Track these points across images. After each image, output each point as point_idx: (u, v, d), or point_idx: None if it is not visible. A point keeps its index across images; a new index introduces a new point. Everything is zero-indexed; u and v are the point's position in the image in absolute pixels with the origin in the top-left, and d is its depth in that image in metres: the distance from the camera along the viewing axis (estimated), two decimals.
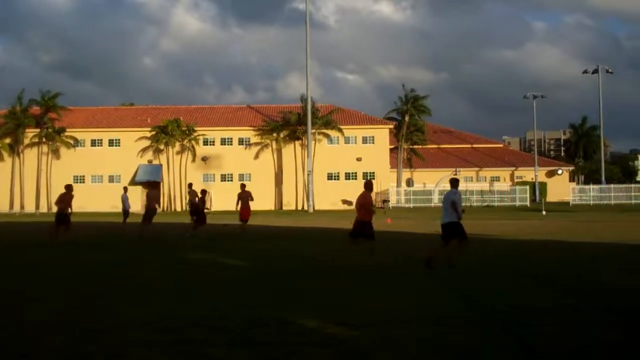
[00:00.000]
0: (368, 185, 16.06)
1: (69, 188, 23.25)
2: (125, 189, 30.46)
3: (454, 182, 14.28)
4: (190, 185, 29.08)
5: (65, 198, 22.86)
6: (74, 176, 66.72)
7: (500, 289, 10.94)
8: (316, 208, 57.98)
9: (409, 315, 8.63)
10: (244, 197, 26.44)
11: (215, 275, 13.27)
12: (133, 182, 65.31)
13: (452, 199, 13.91)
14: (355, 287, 11.25)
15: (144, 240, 22.28)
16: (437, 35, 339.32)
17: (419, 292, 10.78)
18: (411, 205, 63.44)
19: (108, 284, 12.10)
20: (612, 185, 68.30)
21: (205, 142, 67.36)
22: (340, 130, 65.14)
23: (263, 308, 9.28)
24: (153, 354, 6.67)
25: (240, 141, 67.59)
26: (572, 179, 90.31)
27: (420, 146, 72.33)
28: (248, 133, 67.47)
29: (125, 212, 28.65)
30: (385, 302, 9.67)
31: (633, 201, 61.97)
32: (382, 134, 67.52)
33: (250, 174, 66.40)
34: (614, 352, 6.64)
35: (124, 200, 28.62)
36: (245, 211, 26.42)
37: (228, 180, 66.88)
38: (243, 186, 27.62)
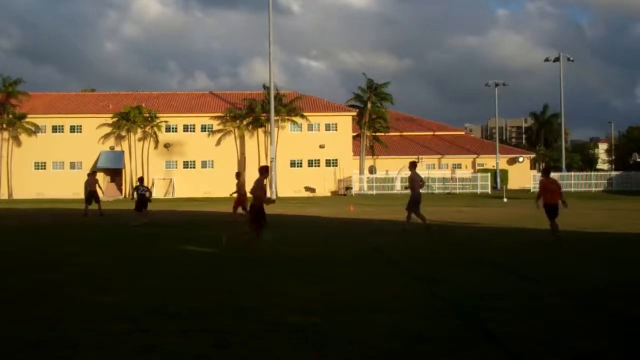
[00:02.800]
0: (262, 170, 16.22)
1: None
2: (90, 174, 31.20)
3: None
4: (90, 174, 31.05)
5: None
6: (35, 162, 65.88)
7: (460, 275, 11.08)
8: (279, 195, 57.95)
9: (368, 303, 8.72)
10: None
11: (170, 263, 13.24)
12: (95, 168, 64.60)
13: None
14: (314, 275, 11.31)
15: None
16: (401, 21, 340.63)
17: (379, 279, 10.89)
18: (374, 192, 63.74)
19: (61, 271, 12.01)
20: (572, 173, 69.41)
21: (168, 129, 66.85)
22: (303, 117, 65.13)
23: (219, 295, 9.30)
24: (108, 342, 6.66)
25: (203, 128, 67.22)
26: (533, 167, 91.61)
27: (382, 134, 72.61)
28: (211, 120, 67.11)
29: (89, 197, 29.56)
30: (345, 290, 9.75)
31: (593, 189, 63.07)
32: (345, 122, 67.66)
33: (213, 161, 66.15)
34: (573, 337, 6.79)
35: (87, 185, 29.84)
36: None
37: (190, 167, 66.59)
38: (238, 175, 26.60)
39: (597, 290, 9.53)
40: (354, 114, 69.36)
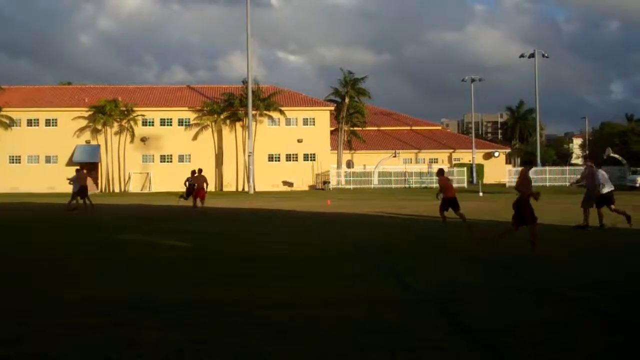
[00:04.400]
0: (526, 163, 16.11)
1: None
2: (78, 170, 31.36)
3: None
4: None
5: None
6: (10, 156, 65.24)
7: (434, 268, 11.22)
8: (257, 189, 57.95)
9: (341, 296, 8.81)
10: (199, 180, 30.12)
11: (148, 257, 13.27)
12: (71, 162, 64.17)
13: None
14: (290, 270, 11.40)
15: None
16: (379, 15, 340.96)
17: (351, 273, 10.99)
18: (351, 186, 63.93)
19: (39, 265, 11.99)
20: (547, 168, 70.08)
21: (145, 123, 66.48)
22: (281, 112, 65.11)
23: (196, 289, 9.36)
24: (86, 337, 6.69)
25: (180, 122, 66.96)
26: (508, 161, 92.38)
27: (360, 128, 72.85)
28: (188, 114, 66.87)
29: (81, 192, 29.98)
30: (318, 284, 9.85)
31: (567, 183, 63.53)
32: (322, 116, 67.77)
33: (190, 155, 65.93)
34: (545, 329, 6.92)
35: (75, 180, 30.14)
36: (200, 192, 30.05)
37: (167, 162, 66.34)
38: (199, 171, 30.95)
39: (581, 284, 9.72)
40: (332, 108, 69.50)
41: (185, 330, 6.93)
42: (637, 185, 53.12)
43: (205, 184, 30.33)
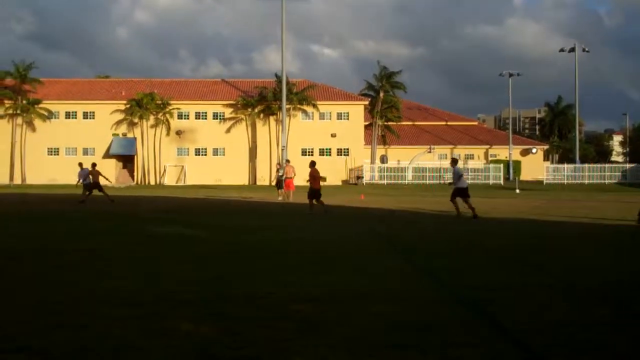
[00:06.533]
0: None
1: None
2: (93, 165, 31.01)
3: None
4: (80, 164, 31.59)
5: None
6: (48, 148, 66.33)
7: (468, 267, 11.10)
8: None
9: (371, 292, 8.75)
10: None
11: (181, 248, 13.32)
12: (107, 154, 65.05)
13: None
14: (320, 264, 11.35)
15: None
16: (415, 9, 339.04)
17: (381, 268, 10.91)
18: (385, 182, 63.70)
19: (71, 256, 12.09)
20: (586, 165, 69.07)
21: (180, 116, 67.07)
22: (315, 106, 65.10)
23: (230, 282, 9.37)
24: (118, 327, 6.72)
25: (215, 115, 67.36)
26: (546, 158, 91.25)
27: (394, 123, 72.50)
28: (223, 107, 67.22)
29: (87, 185, 30.05)
30: (347, 279, 9.80)
31: (607, 181, 62.75)
32: (357, 110, 67.64)
33: (224, 149, 66.33)
34: (578, 329, 6.79)
35: (83, 175, 30.33)
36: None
37: (202, 155, 66.82)
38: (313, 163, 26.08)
39: (606, 282, 9.52)
40: (366, 102, 69.31)
41: (219, 323, 6.92)
42: None
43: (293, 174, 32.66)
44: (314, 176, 24.01)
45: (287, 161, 31.44)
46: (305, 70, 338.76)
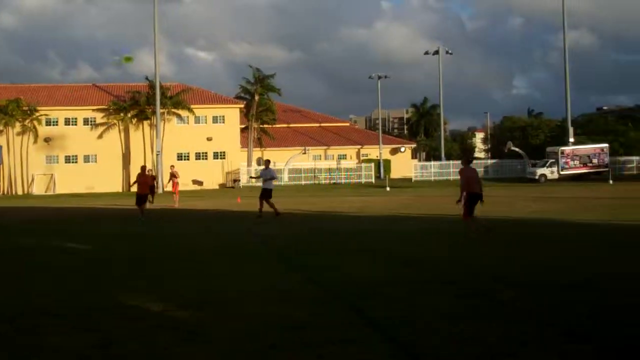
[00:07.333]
0: None
1: None
2: None
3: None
4: None
5: None
6: None
7: (342, 264, 11.47)
8: (165, 189, 57.22)
9: (251, 293, 8.96)
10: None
11: (49, 261, 13.05)
12: None
13: None
14: (197, 268, 11.48)
15: None
16: (291, 12, 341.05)
17: (260, 269, 11.17)
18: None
19: None
20: (451, 162, 71.93)
21: (48, 123, 64.51)
22: (190, 110, 64.50)
23: (101, 293, 9.32)
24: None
25: (86, 121, 65.37)
26: (414, 156, 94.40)
27: (270, 125, 72.86)
28: (94, 113, 65.35)
29: None
30: (228, 281, 9.99)
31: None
32: (232, 114, 67.50)
33: (96, 155, 64.51)
34: (447, 319, 7.24)
35: None
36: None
37: (73, 162, 64.67)
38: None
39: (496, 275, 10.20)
40: (242, 106, 69.27)
41: (92, 334, 6.90)
42: (537, 177, 55.45)
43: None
44: (144, 182, 25.68)
45: (172, 166, 31.37)
46: (180, 74, 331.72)
